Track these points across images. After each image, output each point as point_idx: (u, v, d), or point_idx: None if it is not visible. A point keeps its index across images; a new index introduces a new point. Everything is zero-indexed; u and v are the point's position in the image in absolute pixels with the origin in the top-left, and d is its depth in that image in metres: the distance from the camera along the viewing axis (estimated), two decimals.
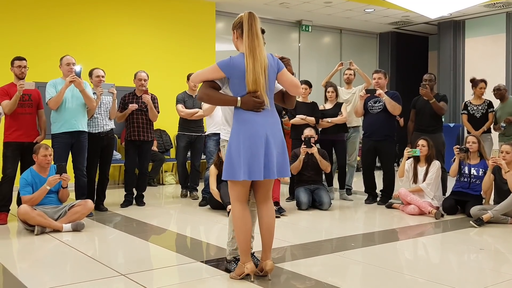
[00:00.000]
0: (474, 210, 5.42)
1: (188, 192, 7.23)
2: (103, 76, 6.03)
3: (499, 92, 7.12)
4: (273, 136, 3.26)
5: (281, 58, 3.48)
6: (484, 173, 5.76)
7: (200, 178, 7.52)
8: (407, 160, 6.11)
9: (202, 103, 6.61)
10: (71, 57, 5.62)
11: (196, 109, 6.90)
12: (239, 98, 3.23)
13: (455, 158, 5.98)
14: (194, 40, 9.53)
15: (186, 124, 6.98)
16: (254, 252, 3.58)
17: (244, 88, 3.24)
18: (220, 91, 3.35)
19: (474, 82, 7.06)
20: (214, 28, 9.89)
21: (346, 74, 7.42)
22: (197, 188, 7.21)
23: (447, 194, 6.32)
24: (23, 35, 7.91)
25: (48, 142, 5.49)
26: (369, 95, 6.46)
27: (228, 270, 3.55)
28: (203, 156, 8.73)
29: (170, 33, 9.34)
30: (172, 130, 8.39)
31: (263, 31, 3.31)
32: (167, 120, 7.12)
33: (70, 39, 8.21)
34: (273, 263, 3.42)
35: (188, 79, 7.05)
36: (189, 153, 7.26)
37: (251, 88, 3.22)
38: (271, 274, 3.38)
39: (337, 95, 6.98)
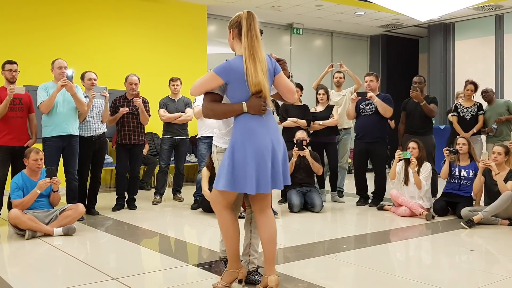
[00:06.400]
0: (464, 211, 5.46)
1: (172, 195, 7.24)
2: (95, 79, 6.02)
3: (486, 94, 7.37)
4: (277, 143, 3.08)
5: (278, 60, 3.28)
6: (475, 174, 5.80)
7: (184, 181, 7.54)
8: (398, 162, 6.14)
9: (194, 106, 6.61)
10: (63, 61, 5.60)
11: (179, 114, 6.91)
12: (244, 103, 3.00)
13: (445, 160, 6.03)
14: (186, 43, 9.52)
15: (170, 127, 6.96)
16: (258, 268, 3.40)
17: (244, 92, 3.01)
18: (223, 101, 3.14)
19: (465, 84, 7.22)
20: (206, 31, 9.89)
21: (336, 77, 7.41)
22: (181, 190, 7.25)
23: (438, 195, 6.36)
24: (14, 38, 7.86)
25: (39, 146, 5.47)
26: (360, 97, 6.48)
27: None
28: (195, 159, 8.71)
29: (162, 36, 9.32)
30: None
31: (261, 32, 3.16)
32: (159, 123, 7.12)
33: (61, 42, 8.17)
34: (279, 277, 3.15)
35: (169, 83, 7.05)
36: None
37: (253, 90, 3.00)
38: None
39: (328, 98, 7.00)
